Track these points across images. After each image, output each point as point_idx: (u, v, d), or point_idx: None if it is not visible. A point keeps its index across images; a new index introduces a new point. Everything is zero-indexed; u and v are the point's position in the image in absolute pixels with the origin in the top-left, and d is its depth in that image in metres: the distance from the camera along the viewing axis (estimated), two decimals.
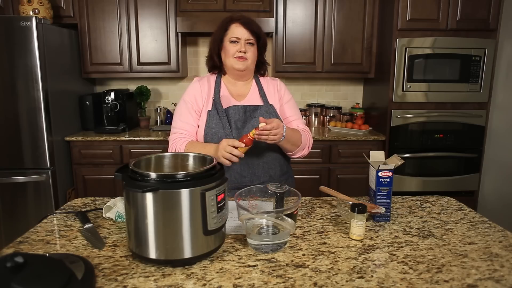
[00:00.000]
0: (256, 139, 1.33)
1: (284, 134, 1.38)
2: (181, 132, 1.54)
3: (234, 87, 1.61)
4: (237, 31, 1.51)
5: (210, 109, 1.54)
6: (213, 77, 1.62)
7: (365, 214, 1.08)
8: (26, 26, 2.48)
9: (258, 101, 1.59)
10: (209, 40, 1.63)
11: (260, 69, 1.64)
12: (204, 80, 1.61)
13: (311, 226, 1.18)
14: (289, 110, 1.63)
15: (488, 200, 2.99)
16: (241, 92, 1.61)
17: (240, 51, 1.50)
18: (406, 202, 1.42)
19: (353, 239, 1.09)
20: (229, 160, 1.32)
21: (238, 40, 1.51)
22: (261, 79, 1.66)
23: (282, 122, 1.39)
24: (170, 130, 1.59)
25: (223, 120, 1.51)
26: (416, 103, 2.89)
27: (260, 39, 1.55)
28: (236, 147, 1.31)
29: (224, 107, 1.54)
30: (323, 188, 1.42)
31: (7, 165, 2.65)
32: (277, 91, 1.64)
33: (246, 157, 1.43)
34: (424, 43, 2.80)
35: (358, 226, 1.08)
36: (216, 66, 1.60)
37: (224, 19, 1.55)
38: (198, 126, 1.55)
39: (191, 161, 1.11)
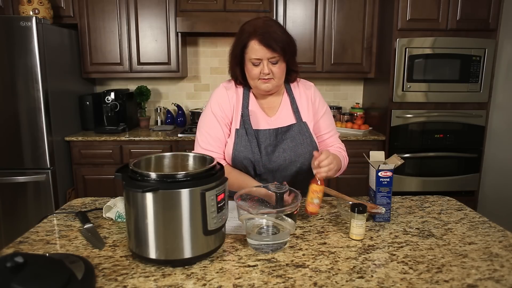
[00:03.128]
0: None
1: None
2: (212, 151, 1.39)
3: (263, 99, 1.46)
4: (257, 50, 1.29)
5: (238, 127, 1.40)
6: (240, 87, 1.46)
7: (365, 214, 1.08)
8: (26, 26, 2.48)
9: (290, 118, 1.44)
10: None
11: (289, 75, 1.43)
12: (231, 89, 1.45)
13: (311, 226, 1.18)
14: (324, 126, 1.51)
15: (488, 200, 2.98)
16: (271, 105, 1.46)
17: (263, 73, 1.32)
18: (406, 202, 1.42)
19: (353, 239, 1.09)
20: None
21: (259, 62, 1.32)
22: (293, 87, 1.49)
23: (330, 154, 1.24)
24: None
25: (253, 144, 1.38)
26: (416, 103, 2.89)
27: (286, 51, 1.33)
28: None
29: (254, 127, 1.40)
30: None
31: (7, 165, 2.65)
32: (311, 103, 1.48)
33: (277, 177, 1.40)
34: (424, 43, 2.80)
35: (358, 226, 1.08)
36: (241, 82, 1.43)
37: (242, 32, 1.34)
38: (227, 142, 1.42)
39: (191, 161, 1.11)
